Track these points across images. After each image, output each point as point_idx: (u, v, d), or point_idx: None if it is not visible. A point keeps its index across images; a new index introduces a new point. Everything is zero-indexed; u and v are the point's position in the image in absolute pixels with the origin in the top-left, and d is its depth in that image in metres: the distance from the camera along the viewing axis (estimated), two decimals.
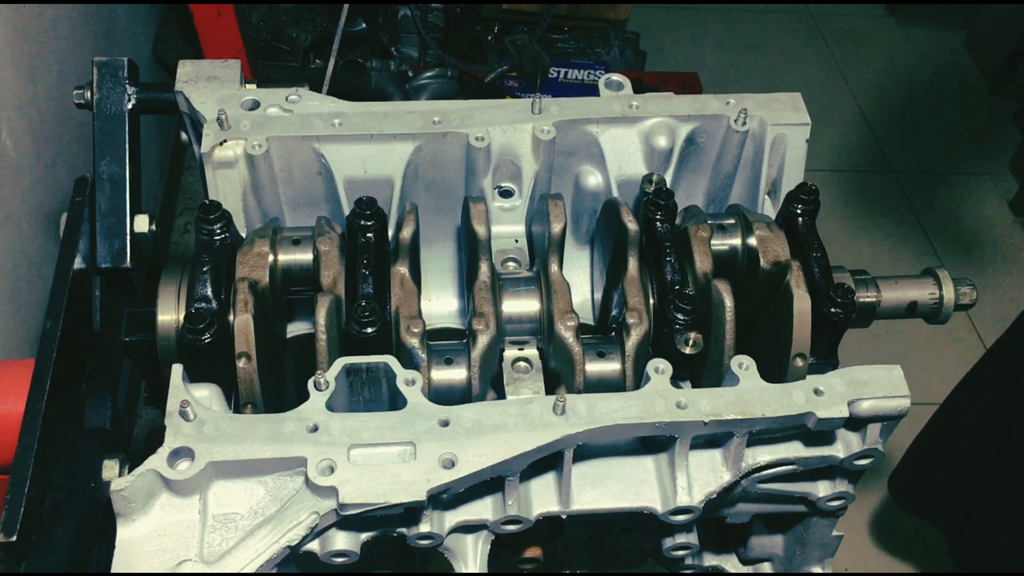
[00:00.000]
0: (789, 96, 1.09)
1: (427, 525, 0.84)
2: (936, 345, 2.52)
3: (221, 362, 0.88)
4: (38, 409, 0.88)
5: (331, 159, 1.03)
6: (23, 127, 1.43)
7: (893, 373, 0.86)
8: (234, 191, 1.02)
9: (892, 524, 2.24)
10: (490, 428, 0.82)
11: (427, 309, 1.10)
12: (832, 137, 3.16)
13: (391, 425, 0.82)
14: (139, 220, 1.04)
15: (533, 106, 1.06)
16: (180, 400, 0.82)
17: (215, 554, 0.78)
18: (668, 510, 0.88)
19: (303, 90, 1.06)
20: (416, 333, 0.91)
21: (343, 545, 0.82)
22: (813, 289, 0.94)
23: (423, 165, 1.06)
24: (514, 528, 0.88)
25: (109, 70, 1.06)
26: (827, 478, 0.95)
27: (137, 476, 0.77)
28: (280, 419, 0.82)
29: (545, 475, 0.89)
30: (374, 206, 0.95)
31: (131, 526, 0.79)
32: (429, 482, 0.78)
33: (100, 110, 1.05)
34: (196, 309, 0.88)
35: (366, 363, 0.86)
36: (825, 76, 3.41)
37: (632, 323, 0.94)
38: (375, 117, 1.04)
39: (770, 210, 1.09)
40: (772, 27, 3.53)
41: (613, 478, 0.89)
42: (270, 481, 0.81)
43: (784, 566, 1.09)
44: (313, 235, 0.97)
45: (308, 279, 0.96)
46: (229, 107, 1.02)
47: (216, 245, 0.93)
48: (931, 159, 3.17)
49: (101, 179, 1.04)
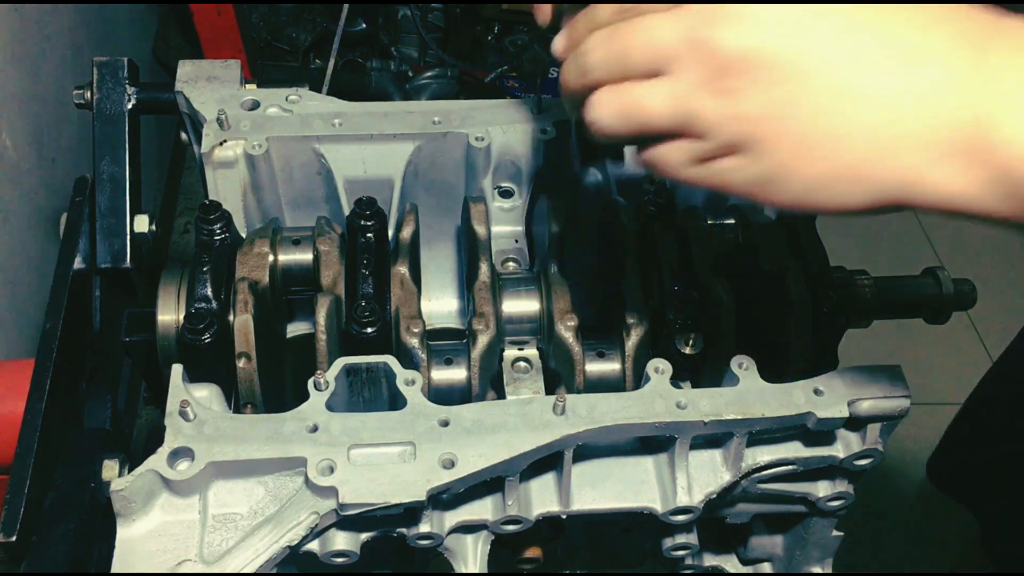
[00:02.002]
0: None
1: (427, 525, 0.84)
2: (936, 345, 2.52)
3: (221, 362, 0.88)
4: (38, 409, 0.88)
5: (331, 159, 1.03)
6: (23, 127, 1.43)
7: (893, 373, 0.86)
8: (234, 191, 1.02)
9: (929, 506, 2.23)
10: (490, 428, 0.82)
11: (427, 309, 1.10)
12: None
13: (391, 425, 0.82)
14: (139, 220, 1.04)
15: (533, 106, 1.06)
16: (180, 400, 0.82)
17: (215, 554, 0.78)
18: (668, 510, 0.88)
19: (303, 90, 1.06)
20: (416, 333, 0.91)
21: (343, 545, 0.82)
22: (812, 289, 0.94)
23: (423, 165, 1.06)
24: (514, 528, 0.88)
25: (109, 70, 1.06)
26: (827, 478, 0.95)
27: (137, 476, 0.77)
28: (280, 419, 0.82)
29: (545, 475, 0.89)
30: (374, 206, 0.95)
31: (131, 526, 0.79)
32: (429, 482, 0.78)
33: (100, 110, 1.05)
34: (196, 309, 0.88)
35: (366, 363, 0.86)
36: None
37: (632, 323, 0.94)
38: (375, 117, 1.04)
39: (770, 210, 1.09)
40: None
41: (613, 478, 0.89)
42: (270, 481, 0.81)
43: (784, 566, 1.09)
44: (313, 235, 0.97)
45: (308, 279, 0.96)
46: (229, 107, 1.02)
47: (216, 245, 0.93)
48: None
49: (101, 179, 1.04)
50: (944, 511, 2.22)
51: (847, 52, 0.54)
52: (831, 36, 0.54)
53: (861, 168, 0.55)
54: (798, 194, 0.57)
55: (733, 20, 0.56)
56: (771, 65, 0.55)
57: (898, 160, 0.53)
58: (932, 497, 2.25)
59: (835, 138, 0.55)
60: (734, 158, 0.58)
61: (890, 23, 0.54)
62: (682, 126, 0.59)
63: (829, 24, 0.54)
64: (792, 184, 0.57)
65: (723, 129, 0.57)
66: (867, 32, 0.54)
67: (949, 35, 0.53)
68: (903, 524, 2.25)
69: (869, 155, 0.54)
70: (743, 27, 0.55)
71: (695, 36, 0.57)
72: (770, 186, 0.58)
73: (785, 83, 0.55)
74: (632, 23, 0.60)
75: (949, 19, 0.54)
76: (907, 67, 0.53)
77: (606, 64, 0.62)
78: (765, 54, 0.55)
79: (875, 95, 0.53)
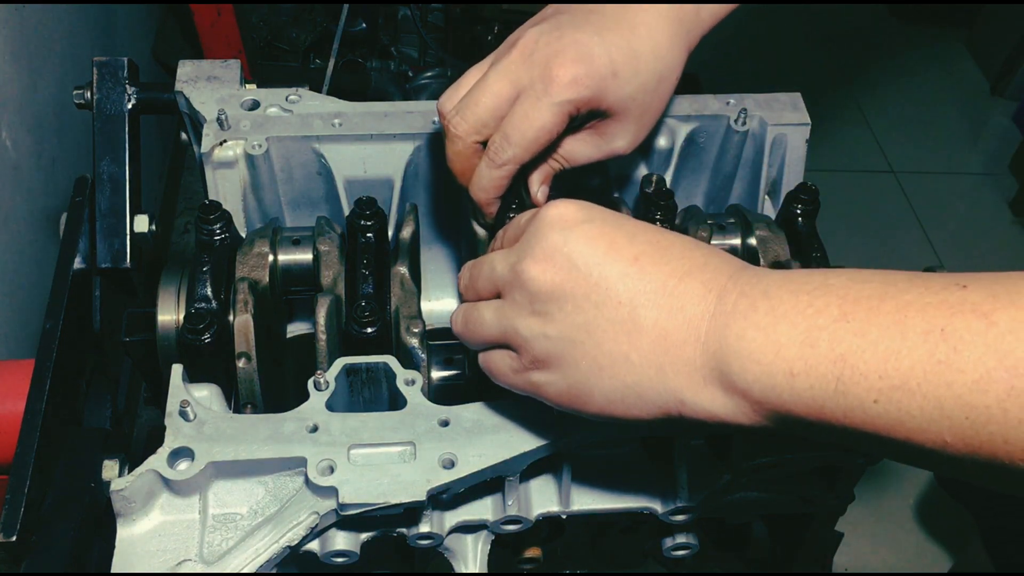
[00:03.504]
0: (789, 96, 1.09)
1: (427, 525, 0.84)
2: None
3: (221, 362, 0.88)
4: (38, 409, 0.88)
5: (331, 159, 1.03)
6: (23, 127, 1.43)
7: None
8: (234, 191, 1.02)
9: (935, 506, 2.24)
10: (490, 428, 0.82)
11: (427, 309, 1.10)
12: (832, 137, 3.16)
13: (391, 425, 0.82)
14: (139, 220, 1.04)
15: None
16: (180, 400, 0.82)
17: (215, 554, 0.78)
18: (668, 510, 0.88)
19: (303, 90, 1.06)
20: (416, 333, 0.91)
21: (343, 545, 0.82)
22: None
23: (423, 165, 1.06)
24: (514, 528, 0.88)
25: (109, 70, 1.06)
26: (827, 477, 0.95)
27: (137, 476, 0.77)
28: (280, 419, 0.82)
29: (545, 475, 0.89)
30: (374, 206, 0.95)
31: (131, 526, 0.79)
32: (429, 482, 0.78)
33: (100, 110, 1.05)
34: (196, 309, 0.88)
35: (366, 363, 0.86)
36: (825, 76, 3.41)
37: None
38: (375, 117, 1.04)
39: (770, 210, 1.09)
40: (772, 27, 3.53)
41: (613, 478, 0.89)
42: (270, 481, 0.81)
43: (784, 566, 1.09)
44: (313, 235, 0.97)
45: (308, 279, 0.96)
46: (229, 107, 1.02)
47: (216, 245, 0.93)
48: (931, 159, 3.17)
49: (101, 179, 1.04)
50: (944, 511, 2.22)
51: (629, 291, 0.64)
52: (617, 277, 0.65)
53: (643, 387, 0.64)
54: (600, 406, 0.67)
55: (542, 259, 0.68)
56: (570, 297, 0.66)
57: (670, 381, 0.63)
58: (932, 497, 2.25)
59: (622, 360, 0.64)
60: (546, 372, 0.69)
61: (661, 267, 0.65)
62: (504, 339, 0.71)
63: (616, 268, 0.65)
64: (594, 398, 0.67)
65: (535, 345, 0.68)
66: (644, 275, 0.65)
67: (699, 285, 0.64)
68: (904, 524, 2.25)
69: (648, 375, 0.64)
70: (549, 265, 0.67)
71: (516, 270, 0.69)
72: (576, 399, 0.68)
73: (582, 312, 0.66)
74: (485, 259, 0.75)
75: (701, 270, 0.65)
76: (673, 308, 0.63)
77: (465, 288, 0.78)
78: (567, 288, 0.66)
79: (649, 327, 0.63)
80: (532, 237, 0.69)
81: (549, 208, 0.70)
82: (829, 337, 0.57)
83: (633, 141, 0.90)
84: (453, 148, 0.87)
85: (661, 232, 0.68)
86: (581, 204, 0.70)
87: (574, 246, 0.67)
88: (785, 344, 0.58)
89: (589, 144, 0.89)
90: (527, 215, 0.74)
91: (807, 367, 0.57)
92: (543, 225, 0.69)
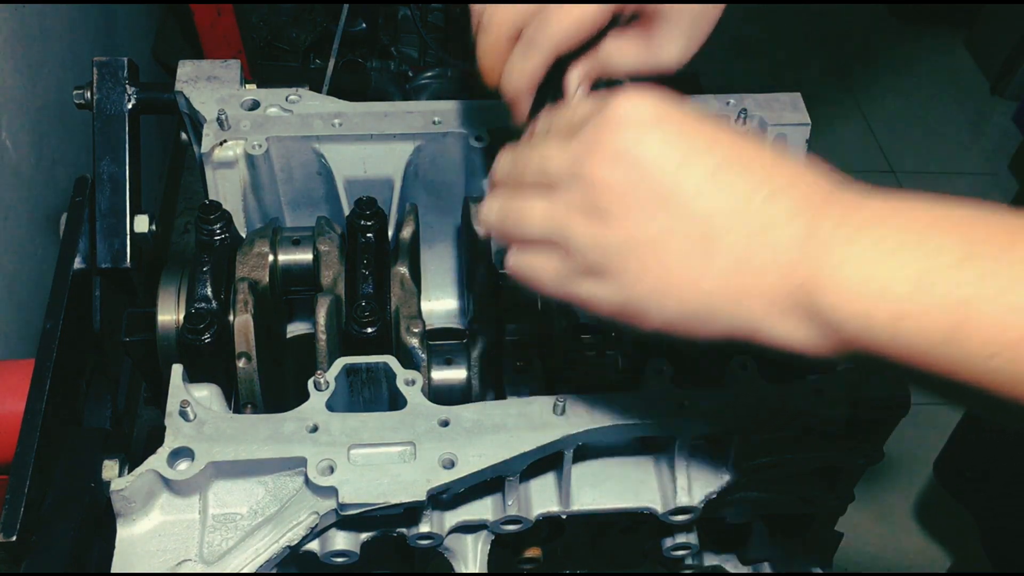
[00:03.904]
0: (789, 96, 1.09)
1: (427, 525, 0.84)
2: None
3: (221, 362, 0.88)
4: (38, 409, 0.88)
5: (331, 159, 1.03)
6: (23, 127, 1.43)
7: None
8: (234, 191, 1.02)
9: (935, 506, 2.24)
10: (490, 428, 0.82)
11: (427, 309, 1.10)
12: (832, 137, 3.16)
13: (391, 425, 0.82)
14: (139, 220, 1.04)
15: None
16: (180, 400, 0.82)
17: (215, 554, 0.78)
18: (668, 510, 0.88)
19: (303, 90, 1.06)
20: (416, 333, 0.91)
21: (343, 545, 0.82)
22: None
23: (423, 165, 1.06)
24: (514, 528, 0.88)
25: (109, 70, 1.06)
26: (827, 477, 0.95)
27: (137, 476, 0.77)
28: (280, 419, 0.82)
29: (545, 475, 0.89)
30: (374, 206, 0.95)
31: (131, 526, 0.79)
32: (429, 482, 0.78)
33: (100, 110, 1.05)
34: (196, 309, 0.88)
35: (366, 363, 0.86)
36: (825, 76, 3.41)
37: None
38: (375, 117, 1.04)
39: None
40: (772, 27, 3.53)
41: (613, 478, 0.89)
42: (270, 481, 0.81)
43: (784, 566, 1.09)
44: (313, 235, 0.97)
45: (308, 279, 0.96)
46: (229, 107, 1.02)
47: (216, 245, 0.93)
48: (931, 159, 3.17)
49: (101, 179, 1.04)
50: (944, 511, 2.22)
51: (707, 206, 0.58)
52: (694, 189, 0.58)
53: (713, 311, 0.59)
54: (659, 325, 0.61)
55: (611, 158, 0.60)
56: (639, 204, 0.59)
57: (744, 310, 0.58)
58: (933, 497, 2.25)
59: (692, 282, 0.59)
60: (598, 282, 0.62)
61: (745, 180, 0.58)
62: (552, 239, 0.63)
63: (693, 179, 0.58)
64: (652, 316, 0.61)
65: (590, 252, 0.61)
66: (724, 190, 0.58)
67: (789, 205, 0.57)
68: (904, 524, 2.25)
69: (720, 302, 0.58)
70: (617, 166, 0.59)
71: (577, 164, 0.61)
72: (632, 316, 0.62)
73: (651, 222, 0.59)
74: (532, 146, 0.67)
75: (792, 188, 0.58)
76: (755, 230, 0.57)
77: (506, 176, 0.69)
78: (636, 195, 0.59)
79: (726, 250, 0.57)
80: (599, 131, 0.61)
81: (621, 100, 0.61)
82: (948, 280, 0.51)
83: (684, 52, 0.80)
84: (487, 40, 0.77)
85: (745, 138, 0.61)
86: (656, 97, 0.61)
87: (647, 148, 0.59)
88: (894, 283, 0.52)
89: (634, 48, 0.80)
90: (589, 103, 0.65)
91: (918, 310, 0.51)
92: (613, 119, 0.60)
